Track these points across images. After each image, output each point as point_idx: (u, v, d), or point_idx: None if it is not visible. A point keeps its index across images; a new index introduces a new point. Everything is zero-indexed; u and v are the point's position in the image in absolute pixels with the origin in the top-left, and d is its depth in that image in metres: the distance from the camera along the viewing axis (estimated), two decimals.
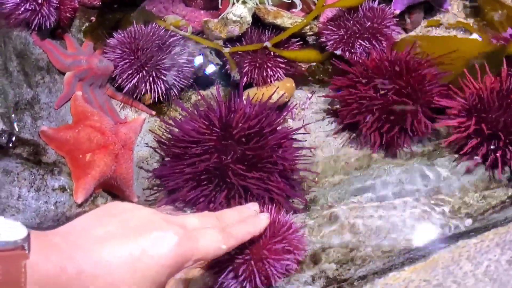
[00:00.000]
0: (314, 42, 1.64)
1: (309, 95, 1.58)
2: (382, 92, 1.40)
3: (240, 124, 1.31)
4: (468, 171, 1.28)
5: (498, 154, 1.24)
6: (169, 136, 1.35)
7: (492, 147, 1.26)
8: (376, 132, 1.41)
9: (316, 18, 1.63)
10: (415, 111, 1.38)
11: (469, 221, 1.07)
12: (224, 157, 1.27)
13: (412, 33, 1.67)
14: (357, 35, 1.53)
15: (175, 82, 1.48)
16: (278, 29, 1.57)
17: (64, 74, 1.41)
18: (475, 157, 1.26)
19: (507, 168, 1.25)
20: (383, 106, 1.38)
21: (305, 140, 1.46)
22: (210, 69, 1.57)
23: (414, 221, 1.12)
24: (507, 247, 0.86)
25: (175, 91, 1.50)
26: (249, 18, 1.52)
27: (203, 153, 1.29)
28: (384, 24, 1.55)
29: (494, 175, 1.25)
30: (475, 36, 1.60)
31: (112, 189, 1.32)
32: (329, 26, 1.57)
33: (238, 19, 1.50)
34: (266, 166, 1.30)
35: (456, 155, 1.31)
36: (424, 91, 1.39)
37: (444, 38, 1.57)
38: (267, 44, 1.51)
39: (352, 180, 1.36)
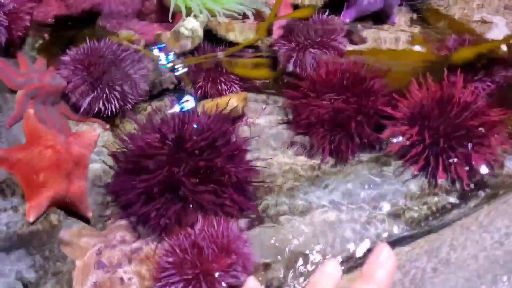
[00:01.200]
0: (268, 53, 1.67)
1: (264, 106, 1.61)
2: (330, 103, 1.43)
3: (193, 137, 1.32)
4: (412, 177, 1.32)
5: (439, 161, 1.29)
6: (123, 150, 1.36)
7: (434, 154, 1.30)
8: (326, 141, 1.44)
9: (270, 33, 1.67)
10: (361, 121, 1.42)
11: (407, 228, 1.11)
12: (176, 170, 1.28)
13: (361, 45, 1.71)
14: (308, 47, 1.56)
15: (129, 96, 1.49)
16: (232, 44, 1.59)
17: (16, 93, 1.40)
18: (418, 164, 1.31)
19: (448, 174, 1.30)
20: (332, 116, 1.42)
21: (259, 149, 1.48)
22: (165, 82, 1.58)
23: (357, 228, 1.16)
24: (434, 254, 0.90)
25: (129, 106, 1.51)
26: (200, 32, 1.55)
27: (155, 166, 1.29)
28: (333, 37, 1.60)
29: (436, 181, 1.29)
30: (418, 47, 1.65)
31: (66, 206, 1.32)
32: (280, 39, 1.60)
33: (190, 33, 1.52)
34: (219, 178, 1.31)
35: (401, 162, 1.35)
36: (370, 101, 1.43)
37: (389, 50, 1.61)
38: (220, 54, 1.53)
39: (303, 189, 1.39)
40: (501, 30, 1.67)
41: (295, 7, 1.71)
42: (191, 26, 1.52)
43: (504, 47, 1.45)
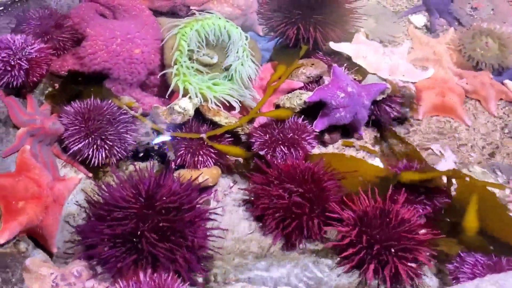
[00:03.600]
0: (246, 140, 1.89)
1: (232, 184, 1.80)
2: (289, 193, 1.62)
3: (164, 198, 1.49)
4: (345, 273, 1.49)
5: (371, 263, 1.46)
6: (99, 198, 1.52)
7: (367, 256, 1.48)
8: (279, 227, 1.62)
9: (252, 121, 1.91)
10: (312, 214, 1.60)
11: None
12: (142, 224, 1.44)
13: (328, 148, 1.95)
14: (280, 142, 1.79)
15: (116, 151, 1.67)
16: (216, 125, 1.82)
17: (18, 128, 1.58)
18: (352, 262, 1.48)
19: (377, 277, 1.47)
20: (287, 205, 1.61)
21: (220, 222, 1.65)
22: (151, 146, 1.78)
23: None
24: None
25: (114, 160, 1.69)
26: (191, 112, 1.77)
27: (124, 218, 1.45)
28: (304, 138, 1.84)
29: (366, 280, 1.46)
30: (377, 160, 1.89)
31: (37, 237, 1.45)
32: (258, 130, 1.83)
33: (182, 110, 1.75)
34: (177, 239, 1.47)
35: (339, 258, 1.52)
36: (323, 198, 1.63)
37: (350, 158, 1.85)
38: (203, 135, 1.75)
39: (250, 265, 1.54)
40: (448, 164, 1.91)
41: (277, 106, 1.96)
42: (184, 105, 1.75)
43: (444, 179, 1.69)
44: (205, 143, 1.76)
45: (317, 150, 1.95)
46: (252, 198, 1.73)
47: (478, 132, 2.09)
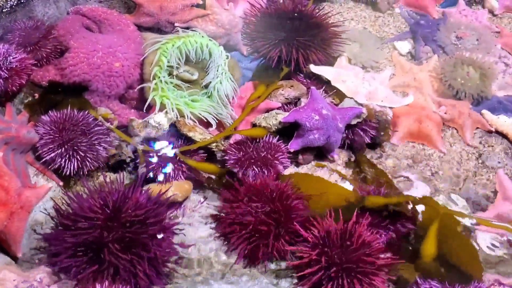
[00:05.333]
0: (221, 157, 1.94)
1: (202, 200, 1.86)
2: (256, 212, 1.68)
3: (129, 211, 1.55)
4: None
5: (329, 284, 1.51)
6: (67, 207, 1.58)
7: (325, 277, 1.53)
8: (243, 244, 1.67)
9: (229, 138, 1.97)
10: (277, 234, 1.66)
11: None
12: (106, 235, 1.50)
13: (302, 169, 2.01)
14: (252, 161, 1.85)
15: (89, 161, 1.74)
16: (190, 140, 1.88)
17: None
18: (310, 282, 1.53)
19: None
20: (253, 224, 1.66)
21: (186, 237, 1.70)
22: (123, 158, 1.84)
23: None
24: None
25: (86, 170, 1.75)
26: (166, 126, 1.84)
27: (88, 228, 1.51)
28: (276, 157, 1.90)
29: None
30: (347, 184, 1.94)
31: (1, 242, 1.51)
32: (232, 148, 1.90)
33: (157, 125, 1.82)
34: (140, 251, 1.52)
35: (298, 277, 1.57)
36: (289, 218, 1.69)
37: (319, 179, 1.90)
38: (176, 150, 1.81)
39: (212, 282, 1.59)
40: (419, 191, 1.97)
41: (254, 125, 2.03)
42: (159, 120, 1.82)
43: (410, 206, 1.74)
44: (178, 158, 1.82)
45: (291, 170, 2.01)
46: (221, 215, 1.78)
47: (453, 161, 2.14)
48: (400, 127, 2.17)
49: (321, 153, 2.08)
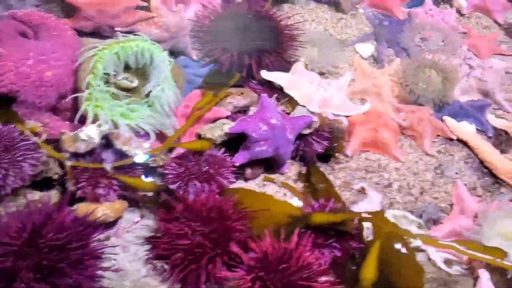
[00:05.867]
0: (160, 173, 1.83)
1: (137, 219, 1.75)
2: (192, 232, 1.57)
3: (50, 234, 1.44)
4: None
5: None
6: None
7: None
8: (177, 268, 1.56)
9: (171, 150, 1.86)
10: (214, 256, 1.55)
11: None
12: (20, 262, 1.38)
13: (248, 184, 1.90)
14: (193, 176, 1.74)
15: (11, 180, 1.61)
16: (125, 155, 1.77)
17: None
18: None
19: None
20: (189, 246, 1.55)
21: (116, 261, 1.58)
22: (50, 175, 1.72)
23: None
24: None
25: (9, 189, 1.63)
26: (97, 140, 1.72)
27: (3, 255, 1.39)
28: (220, 172, 1.79)
29: None
30: (296, 199, 1.84)
31: None
32: (173, 162, 1.78)
33: (87, 138, 1.70)
34: (59, 279, 1.41)
35: None
36: (228, 239, 1.58)
37: (265, 196, 1.80)
38: (107, 166, 1.70)
39: None
40: (373, 205, 1.86)
41: (199, 137, 1.92)
42: (89, 133, 1.71)
43: (356, 222, 1.64)
44: (109, 174, 1.70)
45: (238, 185, 1.90)
46: (156, 235, 1.67)
47: (409, 171, 2.04)
48: (355, 136, 2.07)
49: (271, 166, 1.97)
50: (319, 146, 1.98)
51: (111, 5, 2.06)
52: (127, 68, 1.94)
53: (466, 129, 2.15)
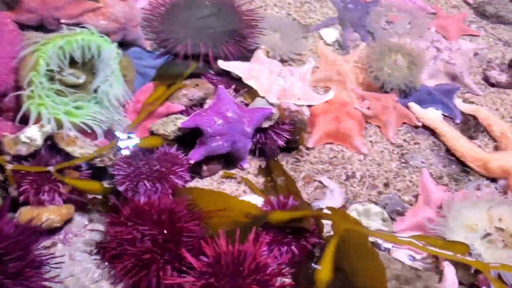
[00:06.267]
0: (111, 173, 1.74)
1: (86, 223, 1.66)
2: (141, 236, 1.49)
3: None
4: None
5: None
6: None
7: None
8: (127, 276, 1.48)
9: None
10: (164, 262, 1.47)
11: None
12: None
13: (205, 181, 1.82)
14: (143, 176, 1.65)
15: None
16: (70, 156, 1.67)
17: None
18: None
19: None
20: (137, 252, 1.47)
21: (62, 270, 1.50)
22: None
23: None
24: None
25: None
26: (39, 142, 1.62)
27: None
28: (173, 170, 1.70)
29: None
30: (255, 196, 1.76)
31: None
32: (121, 162, 1.69)
33: (28, 140, 1.60)
34: None
35: None
36: (179, 243, 1.50)
37: (221, 194, 1.72)
38: (50, 169, 1.60)
39: None
40: (335, 200, 1.79)
41: (152, 133, 1.82)
42: (30, 134, 1.60)
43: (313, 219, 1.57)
44: (54, 177, 1.61)
45: (195, 183, 1.82)
46: (105, 240, 1.59)
47: (373, 162, 1.98)
48: (317, 127, 1.99)
49: (230, 161, 1.89)
50: (280, 139, 1.90)
51: None
52: (73, 63, 1.84)
53: (432, 116, 2.09)
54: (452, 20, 2.58)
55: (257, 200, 1.75)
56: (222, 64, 2.03)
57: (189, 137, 1.82)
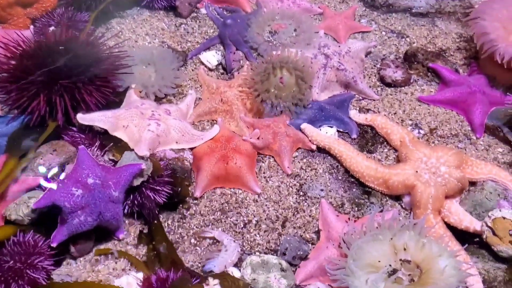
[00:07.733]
0: None
1: None
2: None
3: None
4: None
5: None
6: None
7: None
8: None
9: None
10: None
11: None
12: None
13: (78, 263, 1.60)
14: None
15: None
16: None
17: None
18: None
19: None
20: None
21: None
22: None
23: None
24: None
25: None
26: None
27: None
28: (31, 263, 1.47)
29: None
30: (132, 275, 1.54)
31: None
32: None
33: None
34: None
35: None
36: None
37: (85, 285, 1.49)
38: None
39: None
40: (230, 257, 1.59)
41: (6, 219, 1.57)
42: None
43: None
44: None
45: (65, 268, 1.59)
46: None
47: (269, 201, 1.79)
48: (202, 172, 1.78)
49: (105, 233, 1.66)
50: (159, 195, 1.68)
51: None
52: None
53: (326, 136, 1.92)
54: (340, 18, 2.43)
55: (135, 281, 1.53)
56: (81, 118, 1.79)
57: (51, 216, 1.58)
